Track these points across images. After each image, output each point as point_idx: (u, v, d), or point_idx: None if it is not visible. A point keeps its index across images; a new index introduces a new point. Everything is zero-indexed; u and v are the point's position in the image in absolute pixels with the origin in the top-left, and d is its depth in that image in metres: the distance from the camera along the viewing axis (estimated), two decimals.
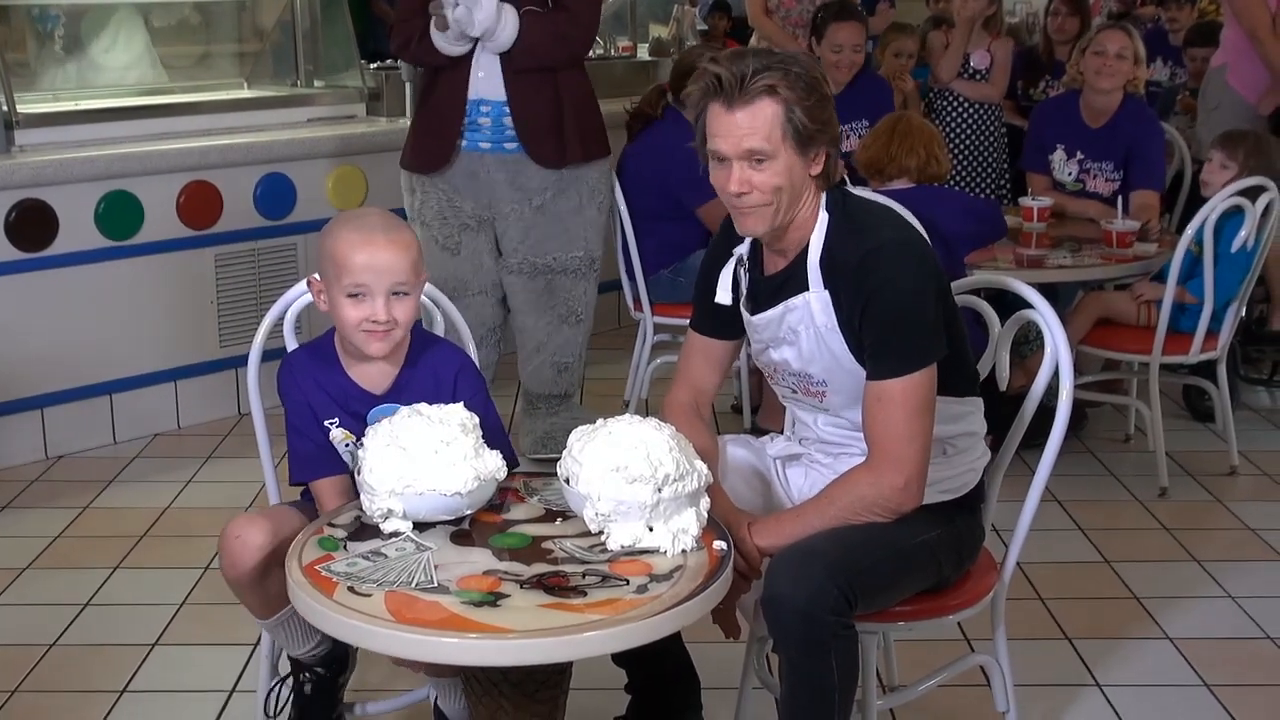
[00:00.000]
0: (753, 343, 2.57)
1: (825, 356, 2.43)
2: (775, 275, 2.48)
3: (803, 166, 2.37)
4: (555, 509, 2.34)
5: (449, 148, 4.22)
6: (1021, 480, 2.66)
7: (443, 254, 4.29)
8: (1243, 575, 3.74)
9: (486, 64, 4.15)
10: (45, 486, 4.40)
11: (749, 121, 2.32)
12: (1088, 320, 4.47)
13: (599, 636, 1.96)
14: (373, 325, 2.39)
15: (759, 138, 2.32)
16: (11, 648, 3.35)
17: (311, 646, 2.60)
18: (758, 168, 2.34)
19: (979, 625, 2.82)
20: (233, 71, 5.81)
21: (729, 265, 2.54)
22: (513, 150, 4.22)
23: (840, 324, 2.39)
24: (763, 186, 2.35)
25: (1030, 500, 2.59)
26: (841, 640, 2.26)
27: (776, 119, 2.32)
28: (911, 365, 2.33)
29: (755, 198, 2.35)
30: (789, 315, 2.44)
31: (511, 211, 4.28)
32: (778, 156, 2.34)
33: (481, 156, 4.23)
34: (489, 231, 4.33)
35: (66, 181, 4.52)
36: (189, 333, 4.88)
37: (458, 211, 4.29)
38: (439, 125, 4.23)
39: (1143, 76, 4.86)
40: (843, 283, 2.37)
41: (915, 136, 3.98)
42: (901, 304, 2.33)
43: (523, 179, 4.24)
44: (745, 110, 2.32)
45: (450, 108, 4.20)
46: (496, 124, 4.20)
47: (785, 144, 2.33)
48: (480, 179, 4.25)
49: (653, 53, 7.11)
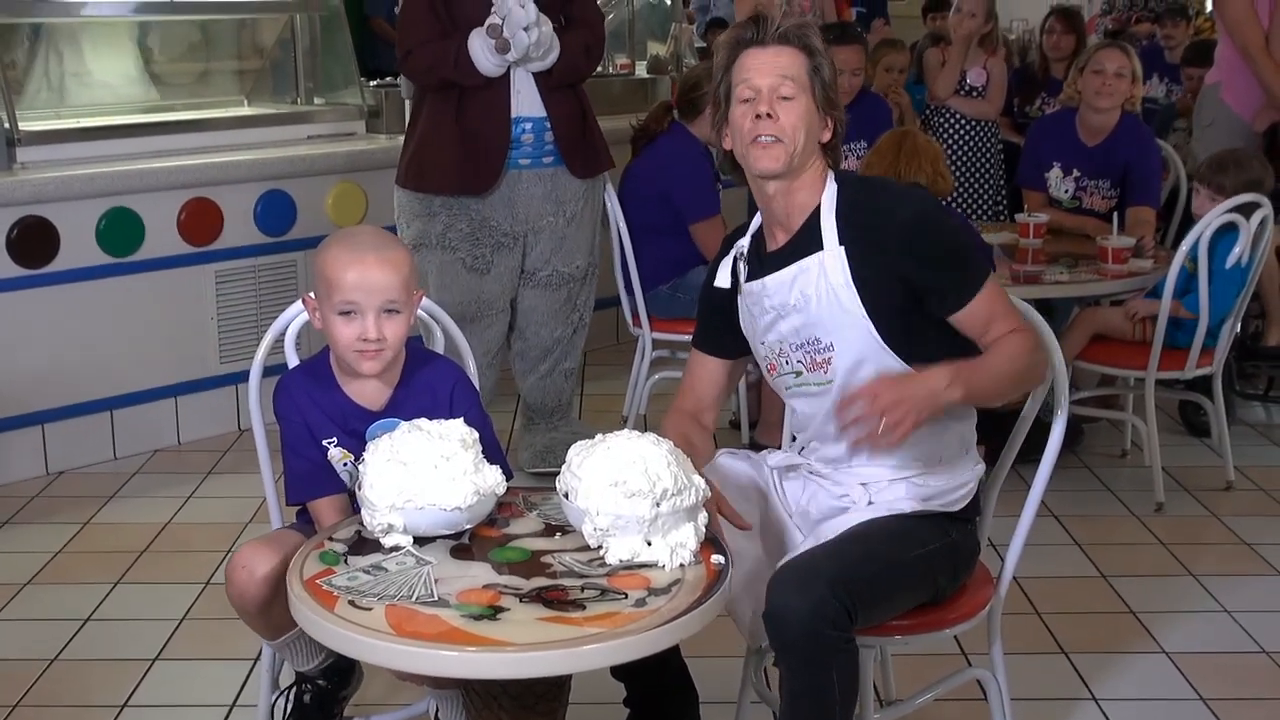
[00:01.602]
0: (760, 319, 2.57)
1: (835, 313, 2.45)
2: (783, 246, 2.54)
3: (819, 122, 2.50)
4: (554, 523, 2.36)
5: (497, 168, 4.23)
6: (1018, 495, 2.67)
7: (470, 275, 4.30)
8: (1238, 589, 3.75)
9: (522, 82, 4.19)
10: (46, 502, 4.41)
11: (785, 58, 2.47)
12: (1083, 336, 4.49)
13: (598, 650, 1.98)
14: (364, 345, 2.41)
15: (792, 72, 2.46)
16: (12, 663, 3.36)
17: (319, 662, 2.62)
18: (784, 103, 2.46)
19: (975, 639, 2.84)
20: (233, 89, 5.83)
21: (729, 256, 2.62)
22: (549, 165, 4.29)
23: (855, 280, 2.43)
24: (786, 121, 2.45)
25: (1026, 514, 2.61)
26: (843, 654, 2.27)
27: (805, 65, 2.48)
28: (987, 267, 2.49)
29: (776, 128, 2.44)
30: (800, 277, 2.48)
31: (546, 225, 4.34)
32: (801, 98, 2.46)
33: (520, 174, 4.27)
34: (520, 248, 4.36)
35: (68, 198, 4.54)
36: (189, 349, 4.90)
37: (493, 230, 4.29)
38: (484, 147, 4.21)
39: (1139, 95, 4.89)
40: (873, 229, 2.45)
41: (921, 154, 3.99)
42: (951, 236, 2.47)
43: (559, 192, 4.33)
44: (781, 48, 2.48)
45: (495, 128, 4.20)
46: (538, 140, 4.25)
47: (809, 89, 2.48)
48: (520, 196, 4.28)
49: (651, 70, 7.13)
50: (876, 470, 2.53)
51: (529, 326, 4.47)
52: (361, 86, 5.68)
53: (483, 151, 4.22)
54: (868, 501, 2.52)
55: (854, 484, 2.55)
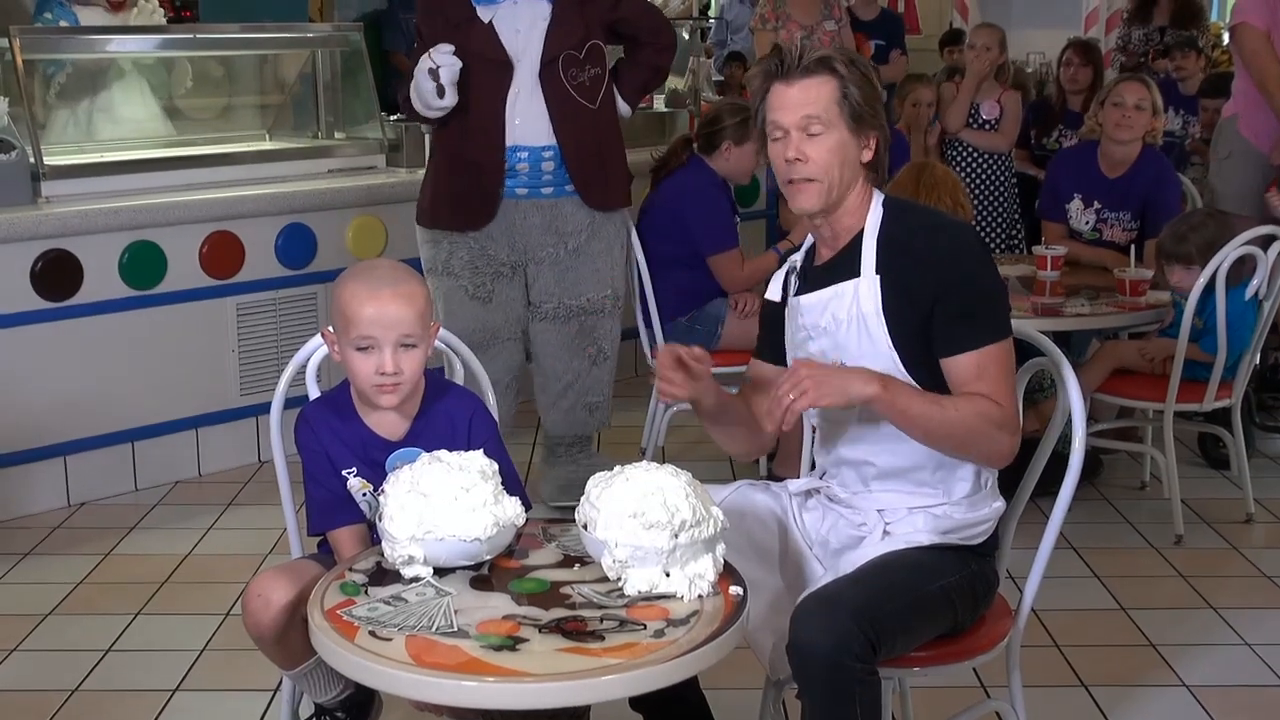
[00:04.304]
0: (794, 335, 2.60)
1: (861, 340, 2.47)
2: (826, 263, 2.56)
3: (856, 147, 2.48)
4: (573, 554, 2.37)
5: (494, 201, 4.23)
6: (1036, 527, 2.67)
7: (473, 303, 4.30)
8: (1259, 622, 3.74)
9: (523, 110, 4.18)
10: (67, 533, 4.43)
11: (806, 93, 2.46)
12: (1104, 370, 4.47)
13: (616, 680, 1.98)
14: (381, 379, 2.43)
15: (817, 106, 2.45)
16: (34, 693, 3.37)
17: (336, 693, 2.62)
18: (813, 140, 2.45)
19: (995, 672, 2.83)
20: (255, 124, 5.89)
21: (782, 271, 2.66)
22: (549, 195, 4.26)
23: (886, 310, 2.45)
24: (817, 158, 2.44)
25: (1045, 546, 2.61)
26: (866, 686, 2.27)
27: (832, 93, 2.45)
28: (1002, 331, 2.46)
29: (809, 169, 2.45)
30: (834, 302, 2.50)
31: (547, 256, 4.31)
32: (832, 129, 2.45)
33: (518, 203, 4.25)
34: (522, 278, 4.35)
35: (91, 232, 4.58)
36: (210, 381, 4.93)
37: (491, 260, 4.30)
38: (480, 180, 4.22)
39: (1160, 127, 4.90)
40: (906, 261, 2.45)
41: (941, 186, 3.99)
42: (986, 281, 2.46)
43: (559, 223, 4.29)
44: (803, 82, 2.46)
45: (490, 160, 4.19)
46: (534, 169, 4.23)
47: (840, 118, 2.46)
48: (516, 225, 4.27)
49: (670, 104, 7.17)
50: (894, 497, 2.54)
51: (544, 359, 4.46)
52: (381, 121, 5.73)
53: (476, 182, 4.23)
54: (884, 531, 2.52)
55: (871, 510, 2.55)
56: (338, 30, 5.97)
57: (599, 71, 4.27)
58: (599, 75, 4.27)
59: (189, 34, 5.46)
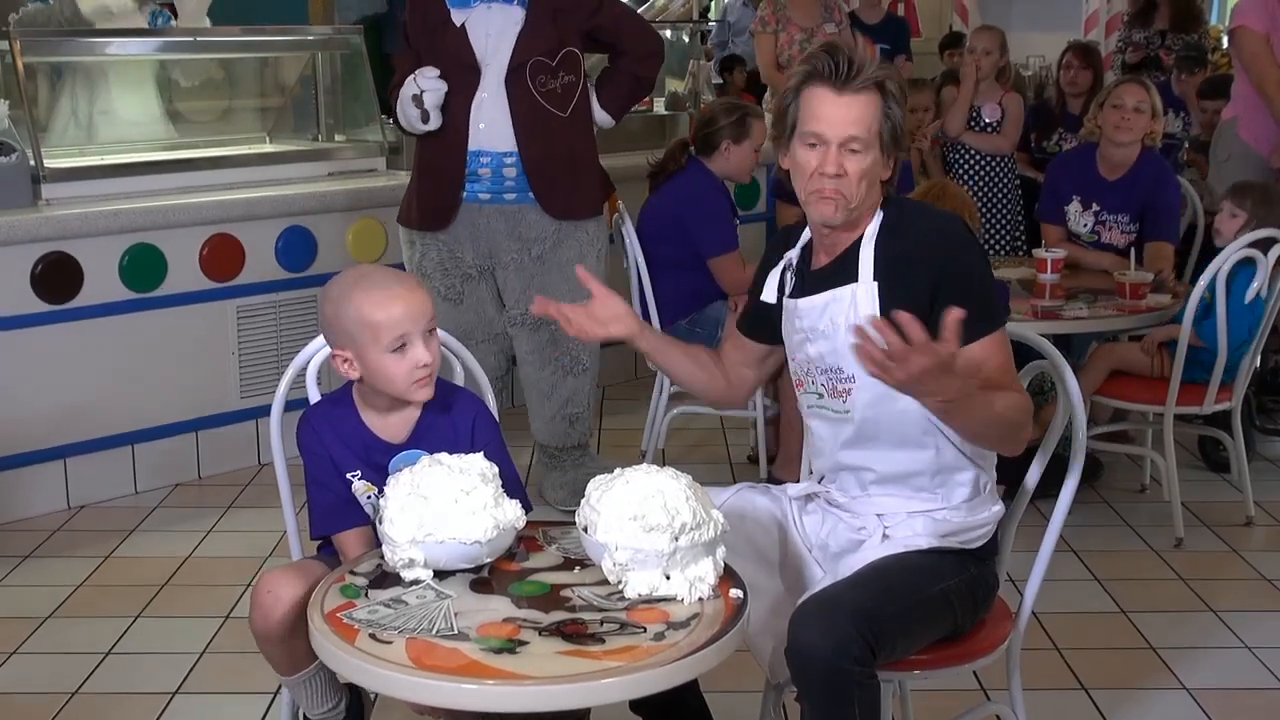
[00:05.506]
0: (792, 336, 2.60)
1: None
2: (823, 268, 2.56)
3: (882, 167, 2.48)
4: (573, 557, 2.37)
5: (453, 203, 4.27)
6: (1036, 530, 2.68)
7: (445, 305, 4.33)
8: (1259, 625, 3.74)
9: (488, 115, 4.19)
10: (67, 536, 4.43)
11: (857, 110, 2.42)
12: (1102, 371, 4.48)
13: (617, 683, 1.98)
14: (421, 371, 2.45)
15: (862, 126, 2.42)
16: (34, 696, 3.38)
17: (329, 708, 2.61)
18: (851, 157, 2.43)
19: (994, 675, 2.83)
20: (255, 126, 5.89)
21: (778, 267, 2.64)
22: (511, 201, 4.27)
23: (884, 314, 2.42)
24: (854, 174, 2.43)
25: (1045, 549, 2.61)
26: (865, 689, 2.27)
27: (876, 114, 2.44)
28: (1000, 318, 2.47)
29: (841, 184, 2.44)
30: (832, 306, 2.50)
31: (512, 261, 4.32)
32: (869, 150, 2.44)
33: (481, 208, 4.28)
34: (490, 281, 4.38)
35: (91, 234, 4.58)
36: (210, 383, 4.93)
37: (459, 262, 4.34)
38: (441, 183, 4.27)
39: (1159, 130, 4.90)
40: (903, 264, 2.45)
41: (952, 205, 4.00)
42: (979, 266, 2.47)
43: (522, 229, 4.29)
44: (855, 97, 2.43)
45: (451, 163, 4.23)
46: (496, 175, 4.24)
47: (876, 140, 2.44)
48: (480, 229, 4.29)
49: (669, 107, 7.17)
50: (893, 501, 2.54)
51: (523, 365, 4.49)
52: (382, 124, 5.72)
53: (438, 189, 4.28)
54: (883, 535, 2.52)
55: (870, 514, 2.55)
56: (338, 33, 5.97)
57: (573, 79, 4.25)
58: (573, 83, 4.25)
59: (189, 36, 5.46)
